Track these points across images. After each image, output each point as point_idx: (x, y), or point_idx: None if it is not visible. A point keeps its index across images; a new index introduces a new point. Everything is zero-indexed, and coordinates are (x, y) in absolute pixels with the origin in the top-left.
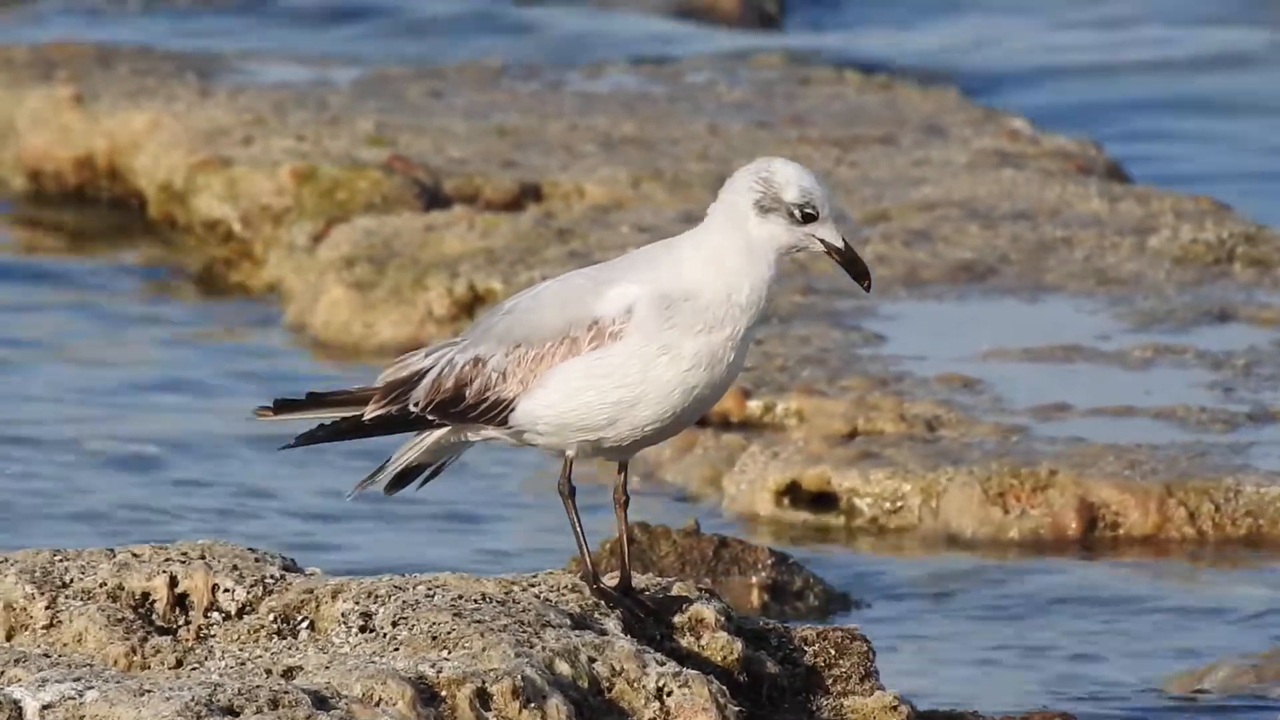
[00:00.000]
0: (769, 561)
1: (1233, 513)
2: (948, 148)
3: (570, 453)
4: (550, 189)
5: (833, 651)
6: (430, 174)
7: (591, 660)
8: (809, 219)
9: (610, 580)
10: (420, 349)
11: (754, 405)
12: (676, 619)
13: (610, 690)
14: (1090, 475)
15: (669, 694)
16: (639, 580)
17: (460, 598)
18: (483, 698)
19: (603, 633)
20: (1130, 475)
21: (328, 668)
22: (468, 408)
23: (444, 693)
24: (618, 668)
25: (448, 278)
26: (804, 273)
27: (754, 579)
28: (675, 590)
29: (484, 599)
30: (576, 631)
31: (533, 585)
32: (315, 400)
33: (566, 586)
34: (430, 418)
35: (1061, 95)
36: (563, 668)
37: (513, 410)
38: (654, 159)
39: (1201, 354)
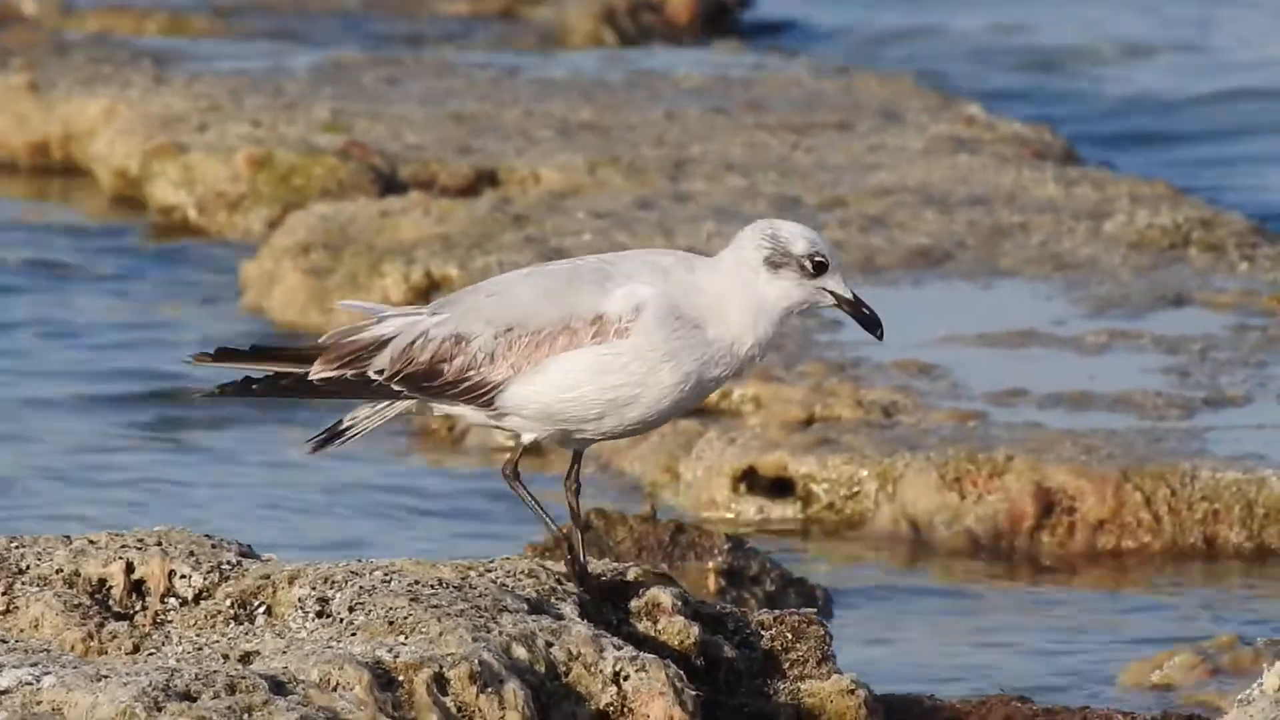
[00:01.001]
0: (725, 547)
1: (1189, 498)
2: (904, 134)
3: (528, 438)
4: (506, 174)
5: (790, 636)
6: (386, 160)
7: (548, 645)
8: (820, 269)
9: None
10: (371, 316)
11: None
12: (633, 604)
13: (567, 675)
14: (1047, 461)
15: (626, 678)
16: (595, 566)
17: (417, 583)
18: (440, 682)
19: (559, 617)
20: (1087, 461)
21: (284, 653)
22: (446, 384)
23: (401, 677)
24: (574, 652)
25: (404, 264)
26: None
27: (710, 564)
28: (631, 575)
29: (440, 584)
30: (533, 616)
31: (489, 571)
32: (259, 353)
33: (523, 572)
34: (396, 388)
35: (1018, 81)
36: (520, 652)
37: (500, 392)
38: (610, 145)
39: (1157, 339)
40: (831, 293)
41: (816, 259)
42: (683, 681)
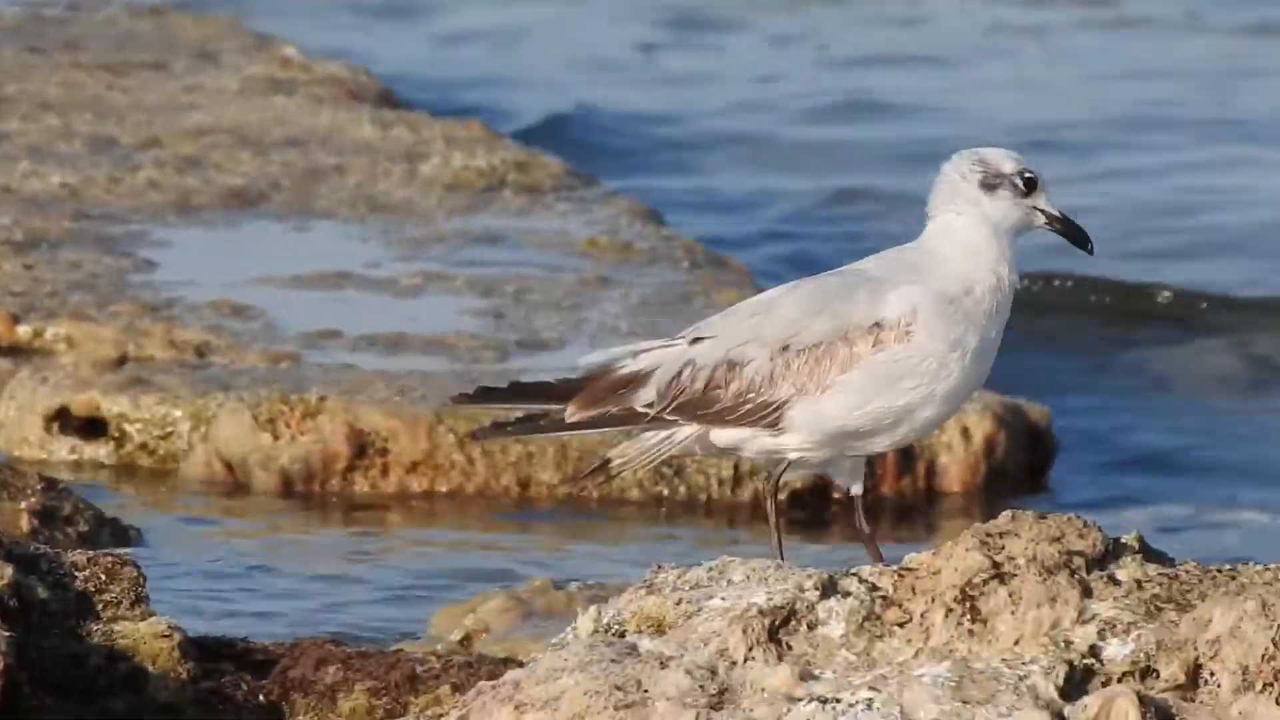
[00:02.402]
0: (38, 487)
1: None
2: (220, 74)
3: (796, 455)
4: None
5: (103, 577)
6: None
7: None
8: (1031, 186)
9: None
10: (612, 353)
11: (23, 330)
12: None
13: None
14: (360, 402)
15: None
16: None
17: None
18: None
19: None
20: (400, 403)
21: None
22: (725, 409)
23: None
24: None
25: None
26: (75, 198)
27: (23, 504)
28: None
29: None
30: None
31: None
32: (516, 391)
33: None
34: (670, 417)
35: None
36: None
37: (785, 413)
38: None
39: (472, 281)
40: (1043, 211)
41: (1027, 175)
42: None
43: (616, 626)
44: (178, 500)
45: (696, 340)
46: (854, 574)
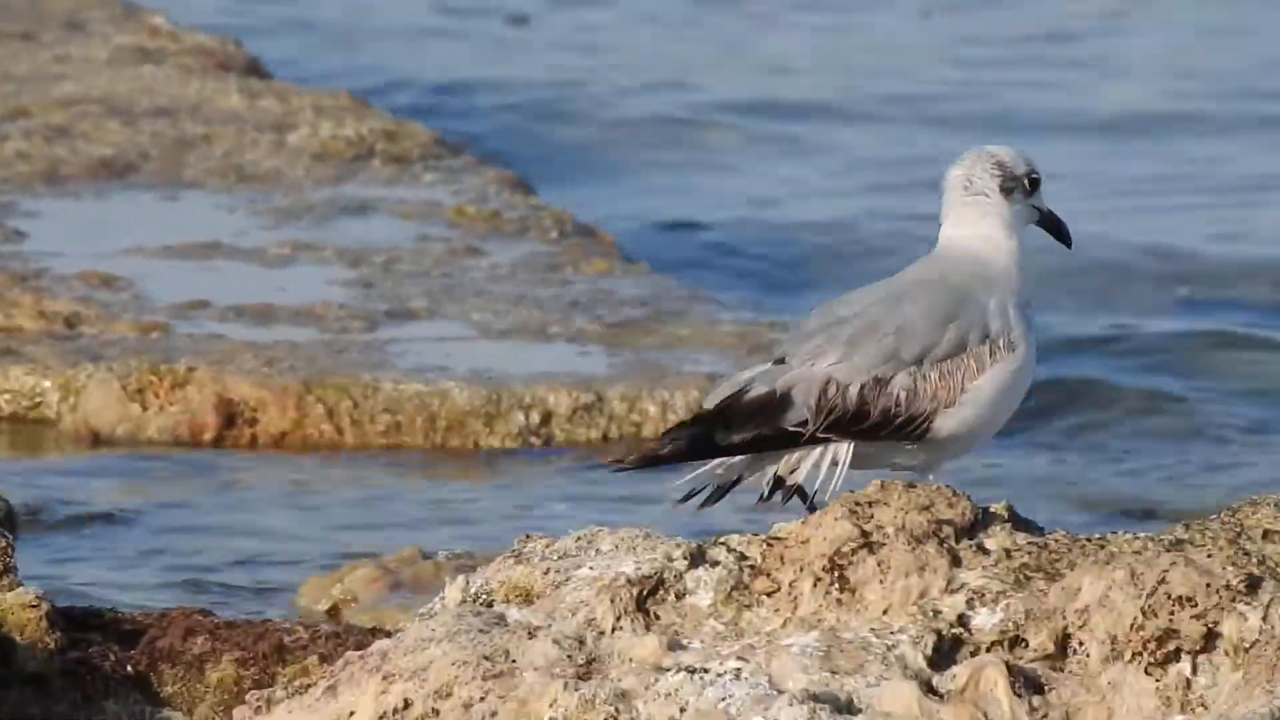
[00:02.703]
0: None
1: (372, 410)
2: (89, 44)
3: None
4: None
5: None
6: None
7: None
8: (1035, 185)
9: None
10: (736, 380)
11: None
12: None
13: None
14: (228, 372)
15: None
16: None
17: None
18: None
19: None
20: (268, 373)
21: None
22: (875, 425)
23: None
24: None
25: None
26: None
27: None
28: None
29: None
30: None
31: None
32: (676, 453)
33: None
34: (823, 435)
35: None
36: None
37: (929, 424)
38: None
39: (341, 251)
40: (1038, 209)
41: (1034, 176)
42: None
43: (485, 596)
44: (47, 471)
45: (824, 349)
46: (722, 543)
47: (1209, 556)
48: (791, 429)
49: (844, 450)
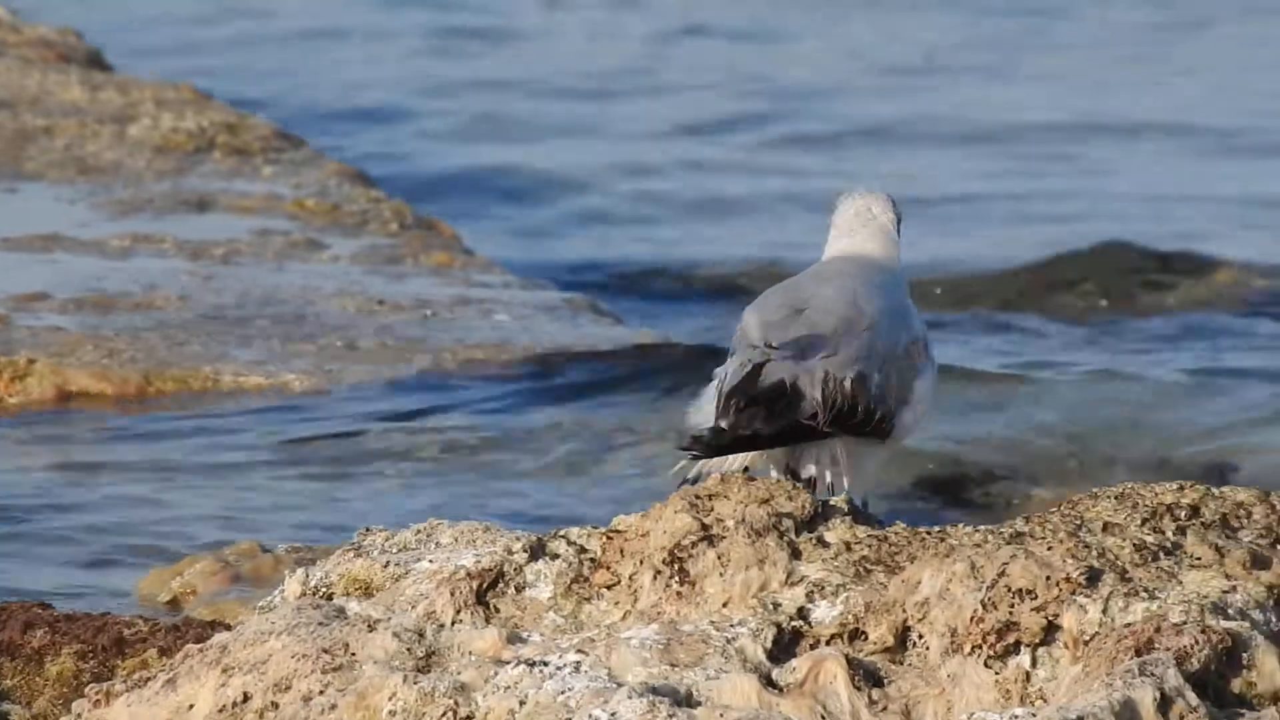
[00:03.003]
0: None
1: (217, 399)
2: None
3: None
4: None
5: None
6: None
7: None
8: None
9: None
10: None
11: None
12: None
13: None
14: (69, 364)
15: None
16: None
17: None
18: None
19: None
20: (109, 364)
21: None
22: (860, 421)
23: None
24: None
25: None
26: None
27: None
28: None
29: None
30: None
31: None
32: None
33: None
34: (827, 430)
35: None
36: None
37: (895, 421)
38: None
39: (181, 243)
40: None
41: (900, 217)
42: None
43: (324, 589)
44: None
45: (813, 344)
46: (562, 536)
47: (1049, 549)
48: (805, 421)
49: (840, 444)
